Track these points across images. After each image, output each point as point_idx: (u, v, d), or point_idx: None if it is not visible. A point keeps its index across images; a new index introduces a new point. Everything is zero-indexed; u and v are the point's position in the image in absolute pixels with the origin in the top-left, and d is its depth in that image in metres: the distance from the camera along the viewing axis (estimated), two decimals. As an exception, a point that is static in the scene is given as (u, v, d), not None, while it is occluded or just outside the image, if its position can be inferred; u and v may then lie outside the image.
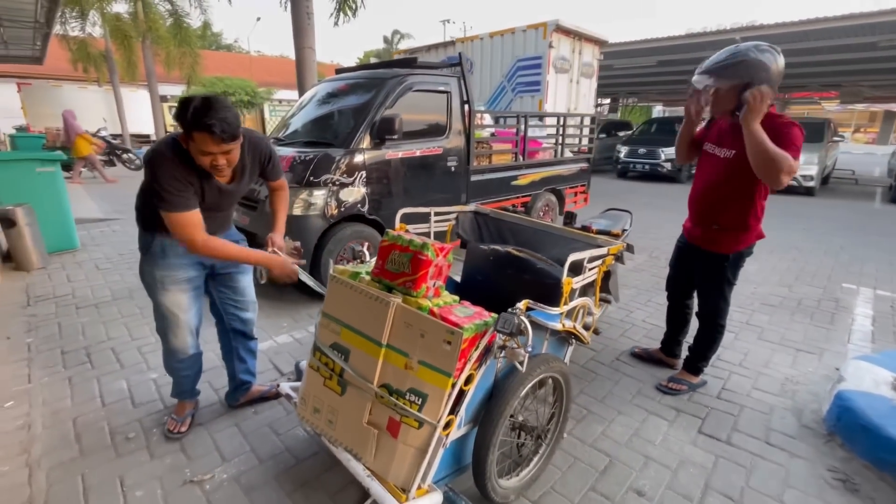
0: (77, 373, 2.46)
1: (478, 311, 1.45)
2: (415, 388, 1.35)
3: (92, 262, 4.33)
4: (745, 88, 1.77)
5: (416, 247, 1.47)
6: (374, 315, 1.43)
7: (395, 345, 1.39)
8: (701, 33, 10.24)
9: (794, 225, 6.64)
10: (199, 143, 1.47)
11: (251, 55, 32.58)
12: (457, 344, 1.28)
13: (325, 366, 1.54)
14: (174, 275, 1.74)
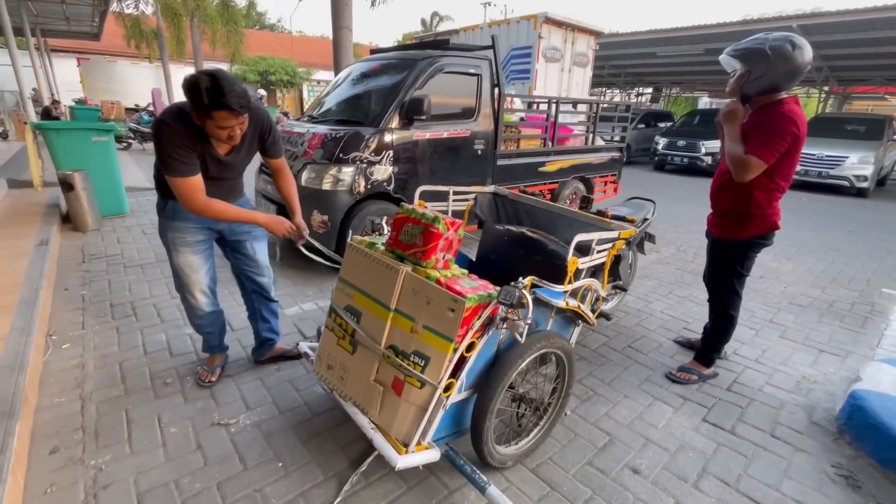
0: (123, 324, 2.71)
1: (483, 284, 1.52)
2: (419, 350, 1.45)
3: (139, 227, 4.66)
4: (746, 77, 1.87)
5: (428, 220, 1.55)
6: (384, 281, 1.53)
7: (403, 310, 1.49)
8: (755, 20, 9.67)
9: (839, 226, 6.31)
10: (219, 120, 1.58)
11: (293, 35, 33.09)
12: (459, 311, 1.36)
13: (339, 326, 1.66)
14: (184, 237, 1.89)
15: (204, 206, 1.71)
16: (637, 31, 11.38)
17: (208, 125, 1.62)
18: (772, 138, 1.84)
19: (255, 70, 23.67)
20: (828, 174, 9.04)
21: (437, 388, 1.40)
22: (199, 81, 1.52)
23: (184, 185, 1.66)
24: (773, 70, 1.83)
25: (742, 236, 2.12)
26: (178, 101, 1.73)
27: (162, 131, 1.62)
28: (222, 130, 1.63)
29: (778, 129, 1.84)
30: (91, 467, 1.65)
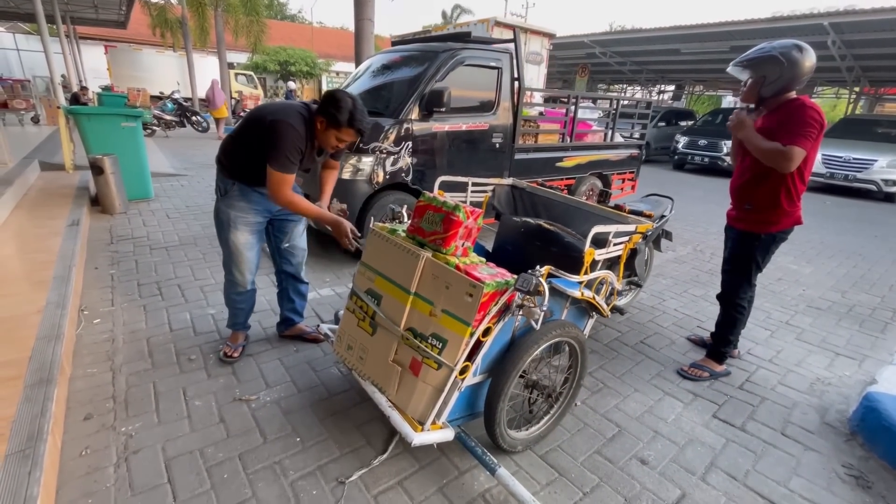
0: (150, 302, 2.82)
1: (501, 272, 1.57)
2: (437, 333, 1.50)
3: (163, 212, 4.80)
4: (762, 82, 1.96)
5: (449, 208, 1.60)
6: (405, 266, 1.58)
7: (423, 293, 1.54)
8: (785, 17, 9.41)
9: (864, 231, 6.16)
10: (344, 134, 1.85)
11: (313, 26, 33.27)
12: (477, 297, 1.41)
13: (360, 308, 1.72)
14: (245, 217, 2.04)
15: (289, 199, 1.88)
16: (660, 27, 11.18)
17: (330, 133, 1.85)
18: (804, 128, 1.91)
19: (275, 60, 23.91)
20: (854, 177, 8.80)
21: (454, 370, 1.45)
22: (343, 101, 1.79)
23: (283, 179, 1.83)
24: (786, 72, 1.93)
25: (770, 230, 2.17)
26: (293, 104, 1.90)
27: (288, 133, 1.79)
28: (338, 142, 1.89)
29: (805, 118, 1.93)
30: (122, 434, 1.75)
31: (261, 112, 1.88)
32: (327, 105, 1.79)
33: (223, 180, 2.03)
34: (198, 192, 5.68)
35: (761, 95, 2.02)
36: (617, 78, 17.62)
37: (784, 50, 1.93)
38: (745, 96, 2.08)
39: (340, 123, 1.79)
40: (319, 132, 1.86)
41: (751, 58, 2.01)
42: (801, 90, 2.08)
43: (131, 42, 19.37)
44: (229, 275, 2.17)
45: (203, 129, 12.25)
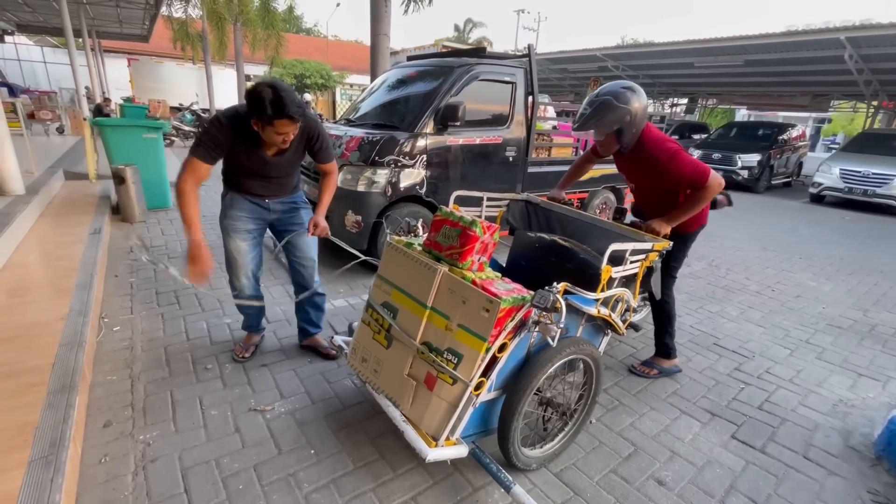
0: (168, 311, 2.87)
1: (517, 287, 1.57)
2: (452, 348, 1.50)
3: (181, 222, 4.88)
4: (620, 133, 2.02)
5: (466, 223, 1.61)
6: (422, 280, 1.59)
7: (439, 308, 1.55)
8: (800, 31, 9.37)
9: (885, 248, 6.02)
10: (279, 127, 1.75)
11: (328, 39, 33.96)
12: (494, 312, 1.41)
13: (376, 321, 1.73)
14: (235, 224, 2.09)
15: (182, 189, 1.85)
16: (674, 41, 11.20)
17: (267, 131, 1.79)
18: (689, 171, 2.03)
19: (291, 73, 24.41)
20: (874, 192, 8.64)
21: (469, 386, 1.45)
22: (262, 93, 1.68)
23: (190, 164, 1.83)
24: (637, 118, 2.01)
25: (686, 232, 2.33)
26: (236, 105, 1.92)
27: (211, 124, 1.85)
28: (279, 136, 1.81)
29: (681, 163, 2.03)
30: (140, 442, 1.77)
31: None
32: (250, 103, 1.72)
33: (224, 189, 2.12)
34: (214, 202, 5.75)
35: (623, 147, 2.09)
36: (629, 91, 17.64)
37: (619, 95, 1.96)
38: (605, 150, 2.19)
39: (268, 118, 1.70)
40: (260, 132, 1.80)
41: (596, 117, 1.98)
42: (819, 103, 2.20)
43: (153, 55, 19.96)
44: (231, 277, 2.23)
45: (220, 140, 12.52)
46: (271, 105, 1.68)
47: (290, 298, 3.10)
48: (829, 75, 11.06)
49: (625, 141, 2.05)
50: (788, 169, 11.59)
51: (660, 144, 2.06)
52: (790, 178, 11.88)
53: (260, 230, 2.18)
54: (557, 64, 14.86)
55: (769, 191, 10.74)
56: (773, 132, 11.09)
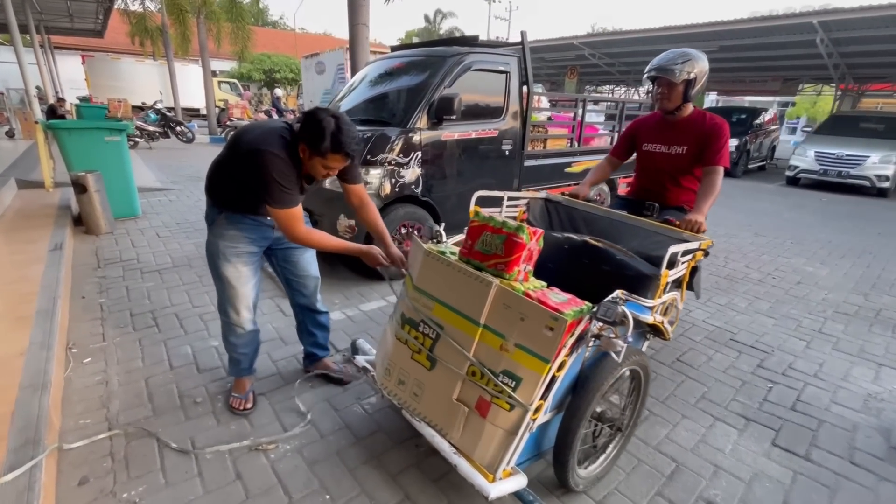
0: (146, 335, 2.57)
1: (571, 298, 1.40)
2: (509, 370, 1.33)
3: (153, 230, 4.52)
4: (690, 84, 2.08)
5: (511, 229, 1.43)
6: (473, 294, 1.40)
7: (493, 326, 1.37)
8: (774, 16, 9.47)
9: (866, 228, 6.15)
10: (331, 161, 1.59)
11: (296, 32, 32.92)
12: (560, 330, 1.24)
13: (415, 339, 1.52)
14: (237, 247, 1.79)
15: (305, 235, 1.68)
16: (650, 28, 11.20)
17: (314, 161, 1.60)
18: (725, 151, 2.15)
19: (259, 68, 23.53)
20: (848, 174, 8.86)
21: (529, 411, 1.28)
22: (324, 122, 1.52)
23: (290, 215, 1.62)
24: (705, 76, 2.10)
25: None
26: (274, 126, 1.65)
27: (274, 164, 1.55)
28: (325, 169, 1.63)
29: (726, 141, 2.15)
30: (124, 501, 1.52)
31: (240, 139, 1.63)
32: (307, 130, 1.54)
33: (210, 209, 1.81)
34: (188, 208, 5.40)
35: (686, 99, 2.12)
36: (605, 79, 17.68)
37: (699, 54, 2.06)
38: (670, 101, 2.13)
39: (324, 150, 1.53)
40: (305, 160, 1.61)
41: (687, 57, 2.04)
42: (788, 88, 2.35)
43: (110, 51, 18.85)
44: (224, 315, 1.90)
45: (188, 140, 11.90)
46: (332, 138, 1.53)
47: (283, 314, 2.86)
48: (800, 59, 11.28)
49: (690, 94, 2.10)
50: (763, 153, 11.81)
51: (717, 116, 2.17)
52: (764, 161, 12.12)
53: (261, 252, 1.91)
54: (534, 53, 14.67)
55: (746, 175, 10.92)
56: (748, 117, 11.25)
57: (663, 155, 2.29)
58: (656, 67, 2.08)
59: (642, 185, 2.45)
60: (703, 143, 2.15)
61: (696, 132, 2.17)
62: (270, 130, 1.61)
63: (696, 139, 2.17)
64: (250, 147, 1.56)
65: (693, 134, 2.18)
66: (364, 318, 2.89)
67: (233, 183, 1.67)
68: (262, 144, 1.55)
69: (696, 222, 1.95)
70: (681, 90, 2.09)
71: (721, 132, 2.13)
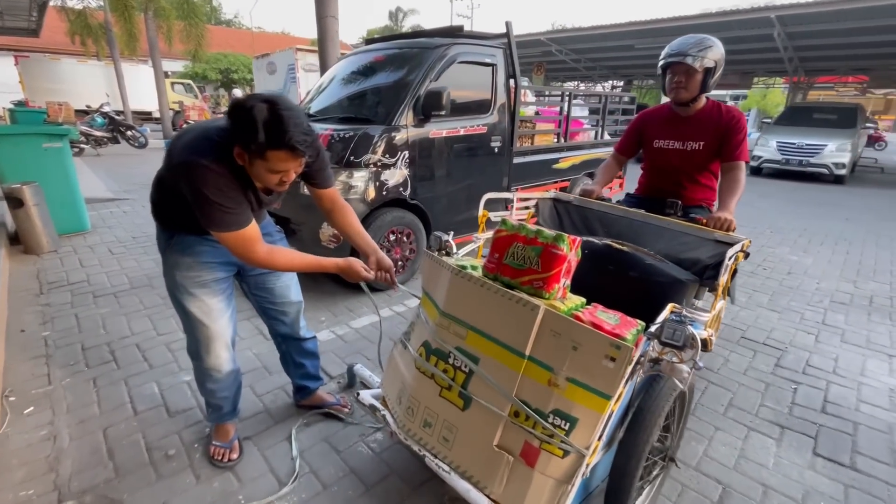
0: (102, 373, 2.21)
1: (621, 317, 1.19)
2: (561, 409, 1.11)
3: (105, 246, 4.05)
4: (709, 73, 1.92)
5: (548, 238, 1.22)
6: (514, 320, 1.17)
7: (539, 357, 1.14)
8: (735, 10, 9.72)
9: (834, 214, 6.35)
10: (274, 162, 1.21)
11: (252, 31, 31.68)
12: (623, 360, 1.04)
13: (444, 373, 1.28)
14: (199, 275, 1.46)
15: (265, 258, 1.35)
16: (616, 24, 11.30)
17: (257, 166, 1.23)
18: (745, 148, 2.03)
19: (215, 68, 22.45)
20: (808, 162, 9.21)
21: (586, 456, 1.07)
22: (254, 110, 1.14)
23: (240, 238, 1.29)
24: (722, 65, 1.94)
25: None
26: (208, 127, 1.29)
27: (204, 177, 1.21)
28: (274, 175, 1.26)
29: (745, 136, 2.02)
30: None
31: (172, 148, 1.31)
32: (236, 125, 1.17)
33: (160, 234, 1.49)
34: (144, 219, 4.92)
35: (704, 89, 1.96)
36: (572, 75, 17.84)
37: (715, 39, 1.93)
38: (687, 91, 1.95)
39: (259, 147, 1.16)
40: (246, 166, 1.25)
41: (708, 43, 1.90)
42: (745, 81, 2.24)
43: (47, 51, 17.44)
44: (197, 360, 1.59)
45: (141, 145, 11.09)
46: (266, 129, 1.15)
47: (265, 337, 2.55)
48: (758, 53, 11.67)
49: (709, 84, 1.95)
50: (726, 144, 12.18)
51: (733, 108, 2.05)
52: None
53: (231, 276, 1.58)
54: (501, 50, 14.58)
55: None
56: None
57: (678, 152, 2.13)
58: (675, 53, 1.91)
59: (655, 184, 2.29)
60: (721, 138, 2.01)
61: (713, 126, 2.02)
62: (201, 134, 1.27)
63: (714, 133, 2.02)
64: (179, 159, 1.23)
65: (710, 128, 2.03)
66: (356, 337, 2.61)
67: (177, 200, 1.31)
68: (190, 154, 1.22)
69: (726, 220, 1.79)
70: (699, 80, 1.93)
71: (740, 125, 2.00)
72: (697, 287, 1.72)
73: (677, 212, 1.96)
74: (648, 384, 1.30)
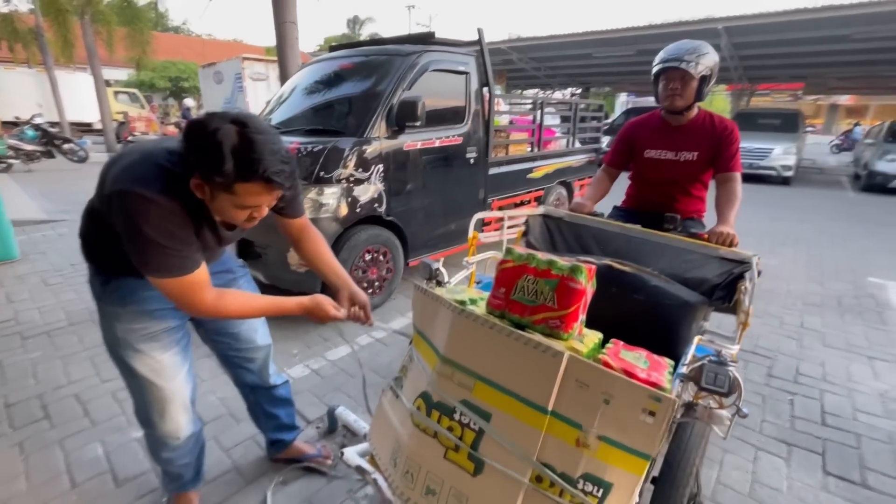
0: (31, 434, 1.86)
1: (648, 357, 1.06)
2: (592, 473, 0.94)
3: (37, 276, 3.58)
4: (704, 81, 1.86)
5: (563, 270, 1.07)
6: (533, 369, 1.00)
7: (563, 412, 0.98)
8: (686, 21, 10.17)
9: (788, 216, 6.65)
10: (244, 196, 1.00)
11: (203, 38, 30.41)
12: (665, 414, 0.88)
13: (449, 431, 1.09)
14: (146, 328, 1.20)
15: (214, 306, 1.10)
16: (574, 33, 11.58)
17: (221, 200, 1.01)
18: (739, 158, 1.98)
19: (164, 76, 21.36)
20: (757, 165, 9.70)
21: None
22: (218, 134, 0.92)
23: (185, 284, 1.05)
24: (717, 72, 1.89)
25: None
26: (155, 150, 1.04)
27: (145, 212, 0.97)
28: (242, 211, 1.04)
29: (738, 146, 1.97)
30: None
31: (107, 172, 1.06)
32: (196, 151, 0.96)
33: (94, 278, 1.22)
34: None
35: (699, 97, 1.89)
36: (532, 83, 18.18)
37: (709, 45, 1.86)
38: (683, 99, 1.87)
39: (227, 179, 0.95)
40: (206, 200, 1.02)
41: (705, 50, 1.84)
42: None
43: (-32, 58, 15.96)
44: (149, 427, 1.32)
45: (80, 159, 10.24)
46: (237, 158, 0.93)
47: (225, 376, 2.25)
48: (706, 62, 12.26)
49: (704, 92, 1.88)
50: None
51: (726, 118, 1.99)
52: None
53: (184, 323, 1.31)
54: (462, 58, 14.64)
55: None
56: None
57: (671, 162, 2.05)
58: (671, 58, 1.83)
59: (645, 195, 2.21)
60: (716, 148, 1.95)
61: (707, 136, 1.96)
62: (145, 158, 1.03)
63: (709, 144, 1.96)
64: (115, 186, 0.99)
65: (704, 138, 1.97)
66: (334, 371, 2.38)
67: (113, 235, 1.04)
68: (131, 182, 0.98)
69: (728, 234, 1.72)
70: (695, 87, 1.86)
71: (734, 136, 1.95)
72: (706, 309, 1.62)
73: (677, 227, 1.87)
74: (677, 432, 1.18)
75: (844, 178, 11.19)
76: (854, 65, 11.36)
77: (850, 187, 9.84)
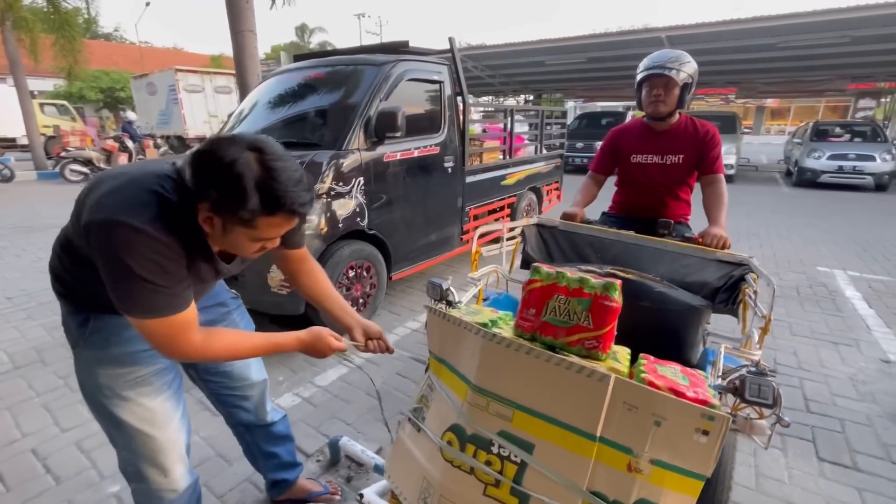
0: (-18, 502, 1.62)
1: (682, 370, 1.05)
2: (647, 499, 0.91)
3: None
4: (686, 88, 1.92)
5: (596, 288, 1.04)
6: (578, 395, 0.96)
7: (612, 438, 0.94)
8: (631, 31, 10.71)
9: (736, 211, 7.08)
10: (265, 229, 0.91)
11: (140, 46, 28.68)
12: (719, 432, 0.87)
13: (488, 465, 1.02)
14: (133, 372, 1.06)
15: (201, 348, 0.98)
16: (528, 41, 11.89)
17: (235, 234, 0.91)
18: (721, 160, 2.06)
19: (95, 86, 19.96)
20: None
21: None
22: (237, 165, 0.83)
23: (168, 326, 0.92)
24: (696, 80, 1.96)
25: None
26: (145, 174, 0.92)
27: (135, 244, 0.85)
28: (255, 243, 0.95)
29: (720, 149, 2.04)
30: None
31: (86, 198, 0.94)
32: (211, 181, 0.85)
33: (69, 318, 1.07)
34: (20, 272, 3.97)
35: (681, 104, 1.95)
36: (487, 90, 18.48)
37: (690, 57, 1.92)
38: (666, 105, 1.92)
39: (251, 214, 0.86)
40: (212, 232, 0.92)
41: (686, 59, 1.90)
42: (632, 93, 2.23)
43: None
44: (138, 481, 1.16)
45: (5, 179, 9.32)
46: (262, 191, 0.85)
47: (214, 413, 2.08)
48: (650, 69, 12.97)
49: (686, 99, 1.94)
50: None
51: (707, 122, 2.05)
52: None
53: (171, 369, 1.15)
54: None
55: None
56: (616, 119, 12.62)
57: (658, 166, 2.11)
58: (656, 65, 1.88)
59: (634, 201, 2.25)
60: (700, 151, 2.02)
61: (691, 139, 2.04)
62: (133, 182, 0.91)
63: (693, 147, 2.03)
64: (100, 215, 0.87)
65: (688, 141, 2.04)
66: (326, 398, 2.25)
67: (93, 270, 0.92)
68: (114, 210, 0.87)
69: (721, 237, 1.78)
70: (677, 94, 1.93)
71: (716, 138, 2.03)
72: (709, 312, 1.66)
73: (671, 231, 1.92)
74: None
75: (777, 175, 12.15)
76: (779, 70, 12.40)
77: (784, 183, 10.68)
